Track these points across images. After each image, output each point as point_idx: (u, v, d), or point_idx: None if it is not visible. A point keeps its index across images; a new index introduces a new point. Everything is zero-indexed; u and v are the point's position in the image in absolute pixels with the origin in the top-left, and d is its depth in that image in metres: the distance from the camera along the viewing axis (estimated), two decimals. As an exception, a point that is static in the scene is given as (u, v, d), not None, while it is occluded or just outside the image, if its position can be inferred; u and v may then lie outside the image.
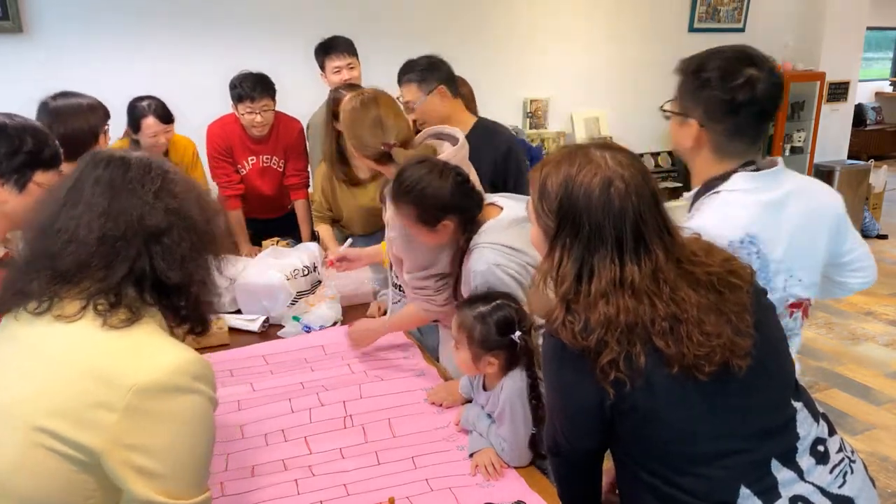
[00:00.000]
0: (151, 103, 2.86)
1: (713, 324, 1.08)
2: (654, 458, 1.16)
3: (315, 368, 2.09)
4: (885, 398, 3.50)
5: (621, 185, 1.10)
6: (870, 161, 6.75)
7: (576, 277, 1.11)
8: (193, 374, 1.01)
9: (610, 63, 5.13)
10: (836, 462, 1.20)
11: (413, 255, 1.86)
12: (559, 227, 1.13)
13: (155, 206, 1.06)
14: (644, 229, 1.10)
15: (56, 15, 3.50)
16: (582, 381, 1.11)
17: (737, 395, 1.12)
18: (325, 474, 1.58)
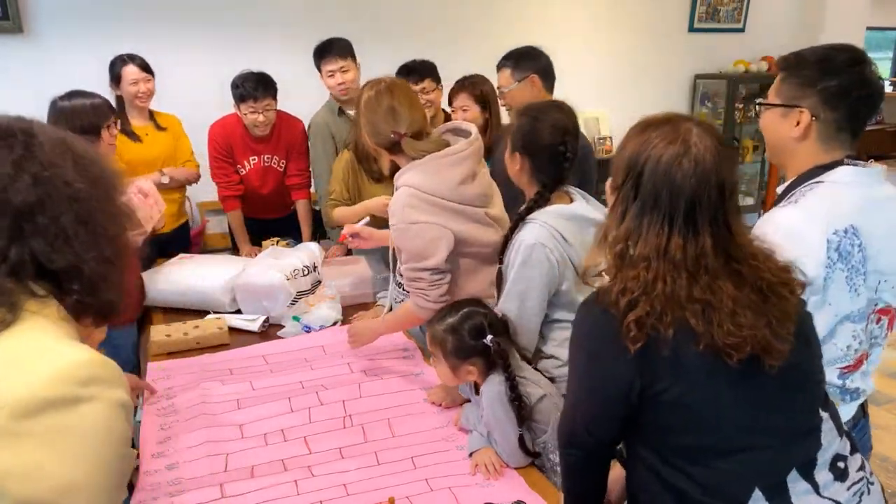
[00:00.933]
0: (132, 55, 2.97)
1: (748, 319, 1.08)
2: (670, 448, 1.16)
3: (315, 368, 2.09)
4: (885, 398, 3.50)
5: (689, 164, 1.10)
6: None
7: (626, 236, 1.14)
8: (81, 380, 0.84)
9: (610, 63, 5.13)
10: (854, 480, 1.19)
11: (410, 244, 1.85)
12: (624, 180, 1.16)
13: (18, 179, 0.88)
14: (697, 213, 1.10)
15: (56, 15, 3.50)
16: (617, 360, 1.11)
17: (766, 391, 1.12)
18: (325, 474, 1.59)
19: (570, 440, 1.29)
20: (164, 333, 2.24)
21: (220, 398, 1.90)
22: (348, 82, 2.97)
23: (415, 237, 1.82)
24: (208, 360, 2.16)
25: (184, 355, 2.19)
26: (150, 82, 3.02)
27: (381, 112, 1.86)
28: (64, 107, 2.24)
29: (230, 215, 3.22)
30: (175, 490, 1.53)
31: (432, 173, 1.83)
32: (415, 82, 2.99)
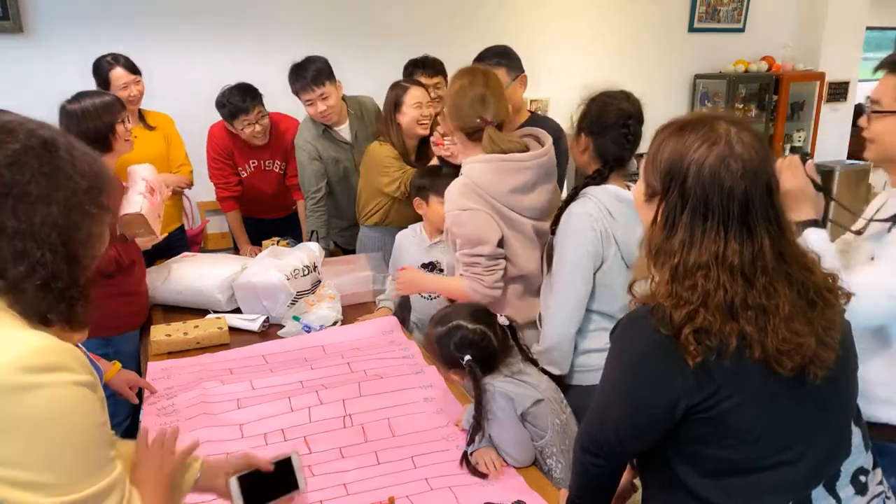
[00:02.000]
0: (116, 56, 2.88)
1: (800, 325, 1.05)
2: (708, 461, 1.11)
3: (315, 368, 2.09)
4: (885, 398, 3.49)
5: (736, 164, 1.05)
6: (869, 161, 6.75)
7: (680, 247, 1.08)
8: (37, 367, 0.83)
9: (610, 63, 5.13)
10: (874, 494, 1.17)
11: (463, 230, 1.90)
12: (665, 189, 1.10)
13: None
14: (752, 214, 1.06)
15: (56, 15, 3.50)
16: (670, 376, 1.06)
17: (808, 404, 1.10)
18: (325, 474, 1.59)
19: (595, 448, 1.22)
20: (164, 333, 2.24)
21: (220, 398, 1.91)
22: (329, 108, 2.84)
23: (467, 223, 1.89)
24: (208, 360, 2.16)
25: (184, 355, 2.19)
26: (140, 83, 2.94)
27: (471, 97, 1.92)
28: (74, 110, 2.21)
29: (228, 216, 3.22)
30: (175, 490, 1.52)
31: (491, 173, 1.90)
32: (429, 76, 2.99)
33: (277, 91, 3.06)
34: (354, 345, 2.25)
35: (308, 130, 2.97)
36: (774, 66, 5.69)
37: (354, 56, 3.04)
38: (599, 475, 1.27)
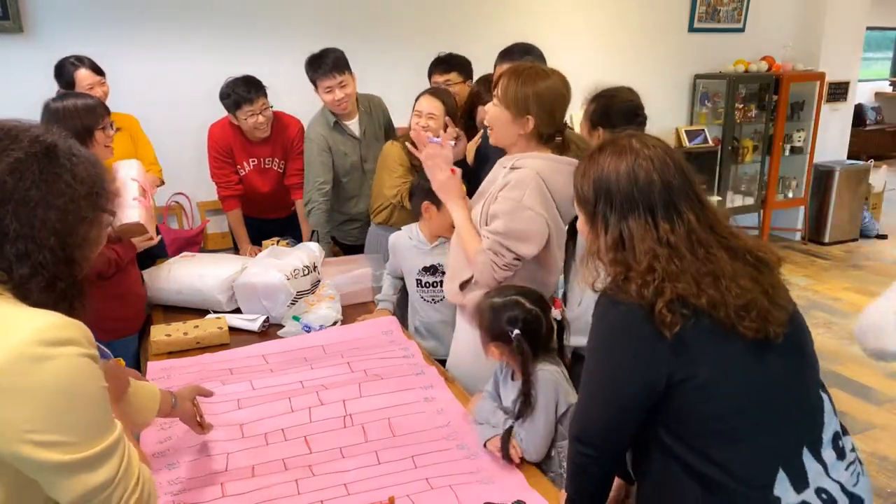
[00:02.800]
0: (80, 57, 2.89)
1: (748, 283, 1.17)
2: (698, 434, 1.18)
3: (315, 367, 2.09)
4: (885, 398, 3.50)
5: (645, 162, 1.23)
6: (869, 161, 6.75)
7: (618, 241, 1.23)
8: (52, 341, 0.92)
9: (610, 63, 5.13)
10: (850, 460, 1.23)
11: (513, 223, 1.85)
12: (595, 204, 1.27)
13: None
14: (672, 195, 1.22)
15: (56, 15, 3.50)
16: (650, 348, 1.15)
17: (779, 368, 1.18)
18: (326, 474, 1.59)
19: (586, 437, 1.28)
20: (164, 333, 2.24)
21: (220, 398, 1.90)
22: (347, 97, 2.91)
23: (523, 220, 1.86)
24: (208, 360, 2.16)
25: (184, 355, 2.19)
26: (105, 84, 2.94)
27: (563, 101, 1.93)
28: (57, 108, 2.19)
29: (229, 215, 3.22)
30: (175, 489, 1.53)
31: (556, 172, 1.89)
32: (441, 73, 3.04)
33: (281, 90, 3.07)
34: (354, 345, 2.25)
35: (319, 123, 3.02)
36: (774, 66, 5.70)
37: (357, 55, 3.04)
38: (592, 469, 1.30)
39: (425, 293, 2.39)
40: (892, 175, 7.45)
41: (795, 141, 5.88)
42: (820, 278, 5.23)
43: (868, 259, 5.68)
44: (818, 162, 5.96)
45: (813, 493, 1.15)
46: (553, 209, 1.91)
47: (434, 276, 2.36)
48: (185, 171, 3.61)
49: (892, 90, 10.18)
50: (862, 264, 5.55)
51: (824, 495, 1.15)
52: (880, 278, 5.21)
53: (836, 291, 4.96)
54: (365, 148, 3.07)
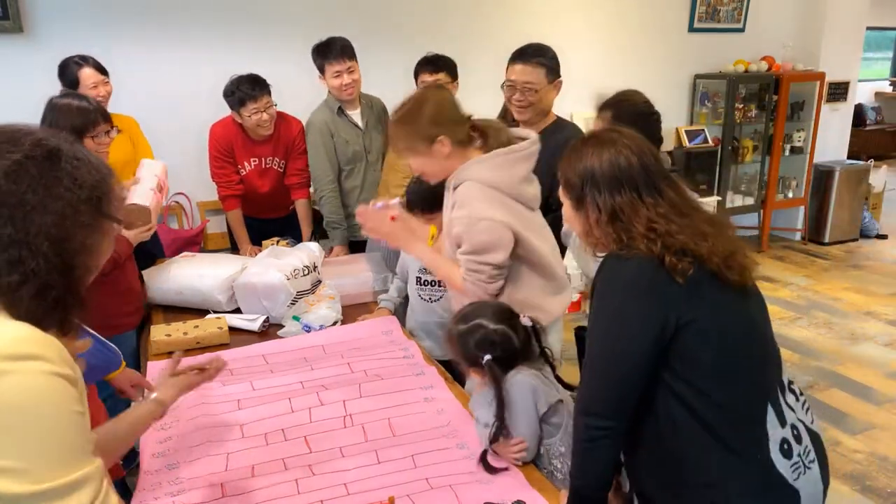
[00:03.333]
0: (84, 56, 2.89)
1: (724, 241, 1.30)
2: (701, 374, 1.26)
3: (315, 368, 2.09)
4: (885, 398, 3.50)
5: (626, 150, 1.35)
6: (869, 161, 6.76)
7: (612, 215, 1.33)
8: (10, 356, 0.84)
9: (610, 63, 5.13)
10: (803, 401, 1.38)
11: (476, 238, 1.85)
12: (582, 192, 1.37)
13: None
14: (651, 176, 1.35)
15: (56, 15, 3.50)
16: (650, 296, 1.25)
17: (755, 311, 1.34)
18: (325, 473, 1.59)
19: (596, 407, 1.31)
20: (164, 333, 2.24)
21: (220, 398, 1.91)
22: (354, 82, 3.00)
23: (482, 232, 1.84)
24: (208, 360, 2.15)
25: (184, 355, 2.18)
26: (108, 84, 2.95)
27: (451, 103, 1.90)
28: (56, 104, 2.20)
29: (230, 215, 3.22)
30: (175, 490, 1.53)
31: (496, 168, 1.87)
32: (430, 73, 3.05)
33: (282, 90, 3.07)
34: (354, 345, 2.25)
35: (322, 111, 3.08)
36: (774, 66, 5.69)
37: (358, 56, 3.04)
38: (603, 443, 1.31)
39: (423, 292, 2.39)
40: (892, 175, 7.45)
41: (795, 141, 5.88)
42: (820, 278, 5.23)
43: (868, 259, 5.68)
44: (818, 162, 5.96)
45: (789, 428, 1.28)
46: (510, 204, 1.88)
47: (432, 274, 2.36)
48: (185, 171, 3.61)
49: (892, 90, 10.18)
50: (862, 264, 5.56)
51: (795, 431, 1.29)
52: (880, 278, 5.21)
53: (836, 291, 4.96)
54: (367, 139, 3.12)
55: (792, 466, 1.26)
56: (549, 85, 2.44)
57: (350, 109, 3.10)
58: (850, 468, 2.94)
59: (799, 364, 3.86)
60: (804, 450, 1.29)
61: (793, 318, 4.49)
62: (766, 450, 1.24)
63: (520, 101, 2.45)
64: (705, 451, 1.26)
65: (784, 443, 1.26)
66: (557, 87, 2.49)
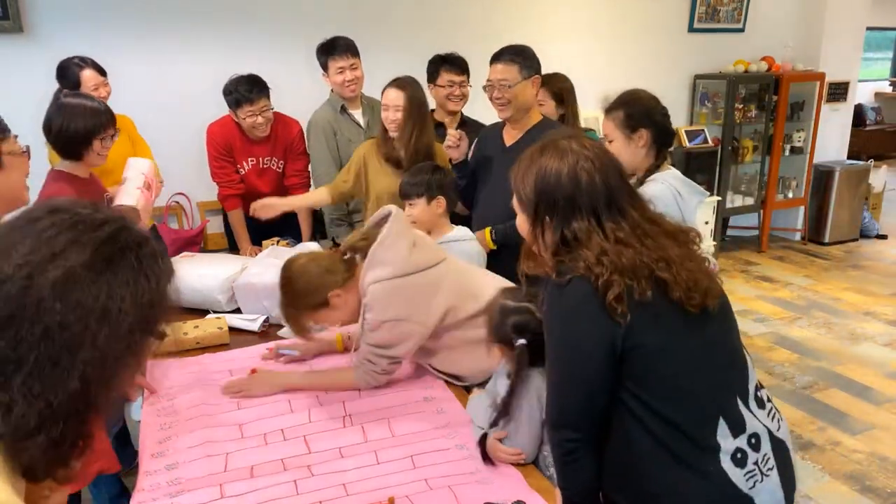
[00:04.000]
0: (83, 58, 2.87)
1: (691, 264, 1.27)
2: (657, 396, 1.25)
3: (315, 368, 2.09)
4: (885, 398, 3.50)
5: (587, 164, 1.27)
6: (869, 161, 6.75)
7: (560, 242, 1.28)
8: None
9: (610, 63, 5.13)
10: (769, 409, 1.36)
11: (377, 337, 1.83)
12: (537, 206, 1.30)
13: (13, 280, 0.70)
14: (613, 195, 1.28)
15: (56, 15, 3.50)
16: (593, 319, 1.22)
17: (714, 332, 1.31)
18: (325, 474, 1.59)
19: (563, 420, 1.31)
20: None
21: (219, 398, 1.91)
22: (357, 79, 3.02)
23: (385, 332, 1.82)
24: (208, 360, 2.16)
25: (184, 355, 2.19)
26: (108, 85, 2.96)
27: (313, 270, 1.86)
28: (66, 104, 2.19)
29: (231, 215, 3.22)
30: (175, 490, 1.53)
31: (381, 264, 1.81)
32: (456, 74, 3.07)
33: (283, 90, 3.07)
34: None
35: (325, 110, 3.10)
36: (774, 66, 5.69)
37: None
38: (578, 454, 1.32)
39: None
40: (892, 175, 7.45)
41: (795, 141, 5.88)
42: (820, 278, 5.23)
43: (868, 259, 5.68)
44: (818, 162, 5.96)
45: (745, 437, 1.26)
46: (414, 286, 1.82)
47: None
48: (185, 171, 3.61)
49: (892, 90, 10.18)
50: (862, 264, 5.55)
51: (753, 440, 1.27)
52: (880, 278, 5.21)
53: (836, 291, 4.96)
54: (368, 137, 3.10)
55: (746, 475, 1.25)
56: (524, 81, 2.44)
57: (352, 108, 3.12)
58: (850, 468, 2.94)
59: (799, 364, 3.86)
60: (762, 457, 1.28)
61: (793, 318, 4.48)
62: (717, 461, 1.24)
63: (498, 98, 2.49)
64: (659, 464, 1.26)
65: (737, 452, 1.25)
66: (535, 83, 2.49)
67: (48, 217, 0.75)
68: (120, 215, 0.80)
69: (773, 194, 5.80)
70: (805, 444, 3.09)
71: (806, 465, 2.94)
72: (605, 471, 1.35)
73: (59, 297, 0.71)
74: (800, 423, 3.23)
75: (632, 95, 2.21)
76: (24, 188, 1.65)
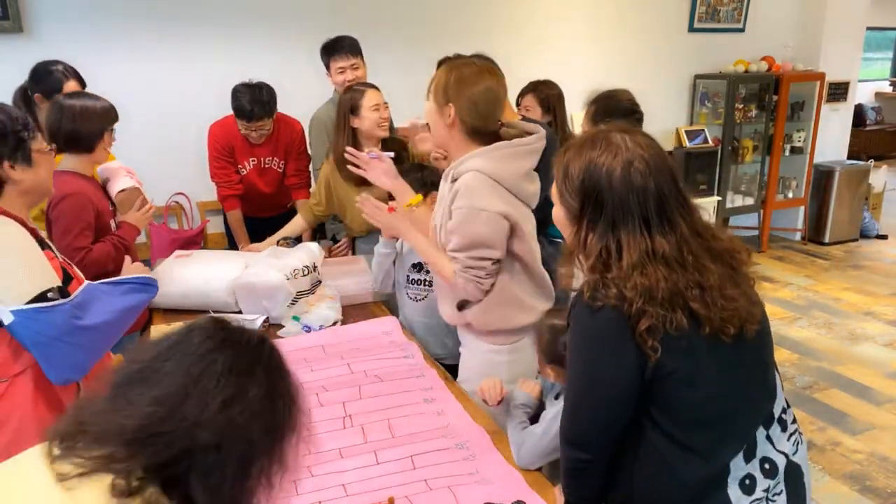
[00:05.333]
0: (67, 67, 2.75)
1: (731, 291, 1.16)
2: (679, 422, 1.19)
3: (314, 368, 2.09)
4: (885, 398, 3.50)
5: (641, 165, 1.16)
6: (869, 161, 6.75)
7: (603, 251, 1.17)
8: None
9: (610, 63, 5.13)
10: (791, 431, 1.30)
11: (475, 230, 1.80)
12: (583, 205, 1.19)
13: (215, 420, 0.84)
14: (666, 204, 1.17)
15: (56, 15, 3.50)
16: (621, 347, 1.14)
17: (748, 357, 1.22)
18: (324, 474, 1.59)
19: (577, 439, 1.27)
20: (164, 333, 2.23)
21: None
22: (357, 80, 3.00)
23: (483, 224, 1.79)
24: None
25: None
26: None
27: (494, 98, 1.83)
28: (72, 106, 2.21)
29: (230, 215, 3.22)
30: (175, 490, 1.52)
31: (499, 160, 1.82)
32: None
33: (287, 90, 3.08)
34: (354, 345, 2.24)
35: (328, 109, 3.08)
36: (774, 66, 5.69)
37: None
38: (587, 473, 1.28)
39: (411, 290, 2.40)
40: (892, 175, 7.45)
41: (795, 141, 5.88)
42: (820, 278, 5.23)
43: (868, 259, 5.68)
44: (818, 162, 5.96)
45: (757, 463, 1.21)
46: (509, 199, 1.84)
47: (420, 273, 2.36)
48: (185, 171, 3.61)
49: (892, 90, 10.18)
50: (862, 264, 5.56)
51: (767, 465, 1.22)
52: (880, 278, 5.21)
53: (836, 291, 4.96)
54: None
55: (752, 502, 1.20)
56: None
57: None
58: (850, 468, 2.94)
59: (799, 364, 3.86)
60: (774, 485, 1.22)
61: (793, 318, 4.48)
62: (723, 486, 1.19)
63: None
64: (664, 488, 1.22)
65: (746, 478, 1.20)
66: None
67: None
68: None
69: (774, 194, 5.80)
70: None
71: (806, 466, 2.94)
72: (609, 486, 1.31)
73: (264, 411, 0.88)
74: (800, 424, 3.23)
75: (610, 94, 2.22)
76: (51, 182, 1.75)
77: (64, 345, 1.57)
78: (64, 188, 2.17)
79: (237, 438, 0.85)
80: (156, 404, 0.83)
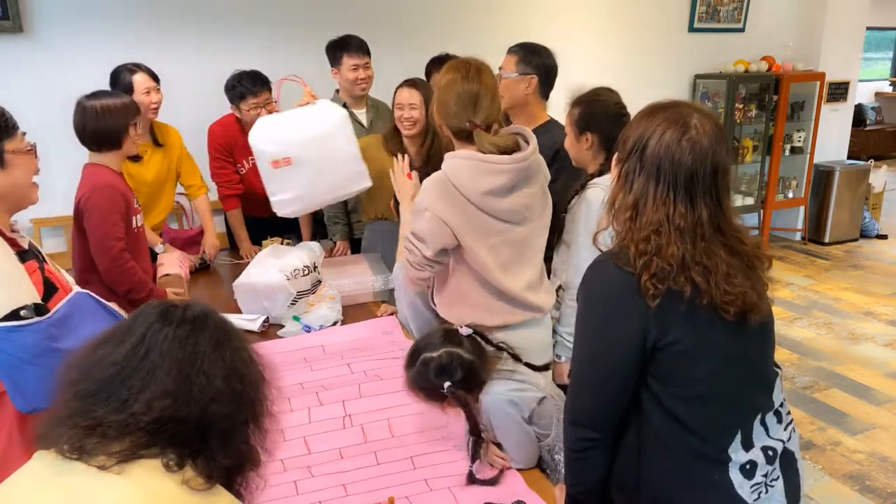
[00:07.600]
0: (136, 63, 2.90)
1: (740, 280, 1.22)
2: (679, 396, 1.23)
3: (314, 368, 2.09)
4: (885, 398, 3.50)
5: (688, 144, 1.22)
6: (869, 161, 6.75)
7: (633, 204, 1.26)
8: None
9: (610, 62, 5.13)
10: (787, 421, 1.34)
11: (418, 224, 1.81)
12: (629, 153, 1.28)
13: (222, 393, 0.96)
14: (695, 186, 1.22)
15: (56, 15, 3.50)
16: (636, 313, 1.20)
17: (749, 347, 1.27)
18: (324, 474, 1.59)
19: (582, 419, 1.29)
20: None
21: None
22: (369, 77, 3.05)
23: (425, 221, 1.78)
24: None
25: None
26: (160, 92, 2.95)
27: (462, 95, 1.80)
28: (94, 106, 2.24)
29: (230, 214, 3.22)
30: (175, 490, 1.52)
31: (467, 170, 1.76)
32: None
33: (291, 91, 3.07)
34: (354, 345, 2.24)
35: None
36: (774, 66, 5.69)
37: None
38: (592, 453, 1.30)
39: None
40: (892, 175, 7.45)
41: (795, 141, 5.88)
42: (820, 278, 5.23)
43: (868, 259, 5.68)
44: (818, 162, 5.96)
45: (759, 450, 1.26)
46: (466, 208, 1.76)
47: None
48: (185, 171, 3.60)
49: (892, 90, 10.18)
50: (862, 264, 5.55)
51: (770, 452, 1.27)
52: (880, 278, 5.21)
53: (836, 291, 4.96)
54: None
55: (752, 487, 1.24)
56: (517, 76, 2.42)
57: (356, 108, 3.12)
58: (850, 468, 2.94)
59: (799, 364, 3.86)
60: (772, 470, 1.27)
61: (793, 318, 4.48)
62: (725, 471, 1.24)
63: None
64: (666, 470, 1.25)
65: (747, 464, 1.24)
66: (528, 81, 2.43)
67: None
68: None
69: (774, 194, 5.80)
70: (805, 444, 3.09)
71: (806, 465, 2.93)
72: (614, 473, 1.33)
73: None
74: (800, 423, 3.23)
75: (596, 95, 2.12)
76: (30, 187, 1.61)
77: (35, 368, 1.41)
78: (94, 180, 2.24)
79: (242, 402, 1.00)
80: (165, 396, 0.90)
